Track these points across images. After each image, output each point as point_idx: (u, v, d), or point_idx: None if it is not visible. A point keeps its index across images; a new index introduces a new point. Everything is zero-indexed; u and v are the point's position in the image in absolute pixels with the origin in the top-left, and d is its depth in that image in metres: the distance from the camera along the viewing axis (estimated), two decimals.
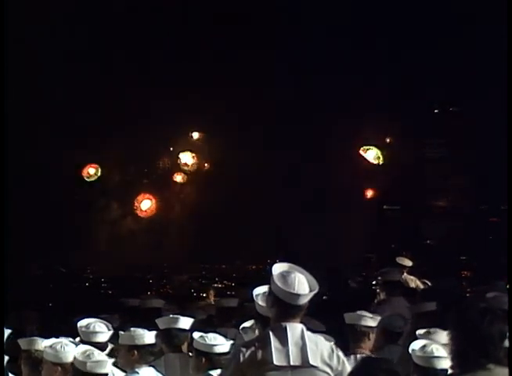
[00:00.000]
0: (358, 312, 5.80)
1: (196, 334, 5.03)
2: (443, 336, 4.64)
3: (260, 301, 4.42)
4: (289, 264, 4.14)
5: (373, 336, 5.72)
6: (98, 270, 22.38)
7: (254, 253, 21.20)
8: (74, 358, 4.59)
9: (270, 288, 4.11)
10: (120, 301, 8.36)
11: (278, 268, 4.10)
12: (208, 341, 4.87)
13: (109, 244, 21.78)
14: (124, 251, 21.34)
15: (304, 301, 4.03)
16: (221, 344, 4.88)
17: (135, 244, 21.83)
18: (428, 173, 22.67)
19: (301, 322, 4.12)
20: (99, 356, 4.61)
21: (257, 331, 4.57)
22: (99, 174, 22.26)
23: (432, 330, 5.17)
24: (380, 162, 22.38)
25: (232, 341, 4.93)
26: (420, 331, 5.23)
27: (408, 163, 22.20)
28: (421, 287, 9.89)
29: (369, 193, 22.85)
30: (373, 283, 11.80)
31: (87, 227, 22.01)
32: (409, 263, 10.09)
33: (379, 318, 5.89)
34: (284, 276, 4.04)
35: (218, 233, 21.44)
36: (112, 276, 21.97)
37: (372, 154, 22.46)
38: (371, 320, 5.73)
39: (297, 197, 21.10)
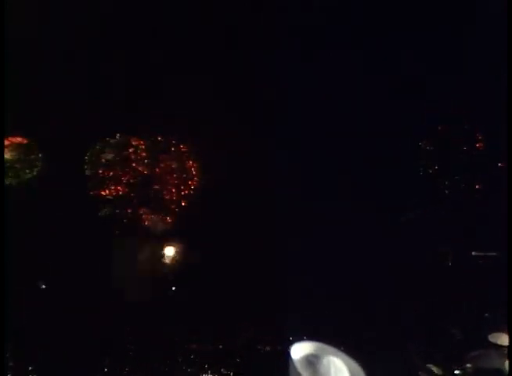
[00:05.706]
0: None
1: None
2: None
3: None
4: (315, 343, 3.96)
5: None
6: (24, 355, 22.36)
7: (268, 326, 21.22)
8: None
9: None
10: None
11: (300, 350, 3.91)
12: None
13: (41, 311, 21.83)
14: (67, 325, 21.60)
15: None
16: None
17: (82, 315, 21.93)
18: None
19: None
20: None
21: None
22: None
23: None
24: None
25: None
26: None
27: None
28: None
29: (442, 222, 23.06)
30: (457, 372, 11.99)
31: None
32: (507, 342, 10.34)
33: None
34: (311, 361, 3.89)
35: (212, 293, 21.80)
36: (45, 362, 21.91)
37: None
38: None
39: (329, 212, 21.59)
